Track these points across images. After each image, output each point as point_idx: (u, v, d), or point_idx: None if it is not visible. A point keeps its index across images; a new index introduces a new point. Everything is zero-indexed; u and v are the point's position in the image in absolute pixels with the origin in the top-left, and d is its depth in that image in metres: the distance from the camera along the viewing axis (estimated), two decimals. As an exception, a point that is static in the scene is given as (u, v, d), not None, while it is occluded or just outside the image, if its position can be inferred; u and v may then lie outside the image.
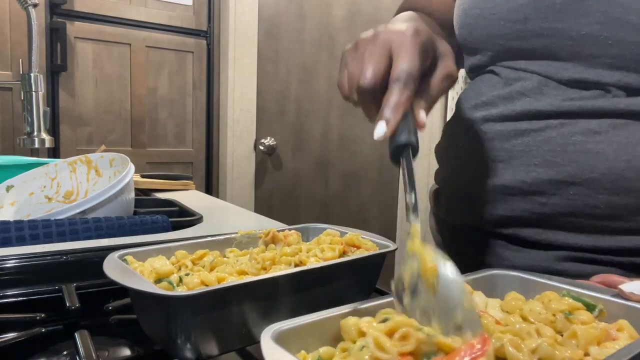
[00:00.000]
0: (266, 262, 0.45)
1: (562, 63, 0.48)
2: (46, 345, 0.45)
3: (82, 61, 2.00)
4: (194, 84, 2.24)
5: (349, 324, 0.32)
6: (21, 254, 0.57)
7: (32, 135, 0.99)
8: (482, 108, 0.53)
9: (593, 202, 0.45)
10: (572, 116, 0.47)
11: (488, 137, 0.52)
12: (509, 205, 0.50)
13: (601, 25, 0.45)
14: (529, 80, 0.50)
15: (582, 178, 0.45)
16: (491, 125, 0.52)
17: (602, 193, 0.45)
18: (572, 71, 0.47)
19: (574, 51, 0.47)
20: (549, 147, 0.47)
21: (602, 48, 0.46)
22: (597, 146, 0.45)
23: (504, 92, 0.51)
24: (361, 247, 0.51)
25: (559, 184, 0.47)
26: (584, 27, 0.46)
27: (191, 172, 2.26)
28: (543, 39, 0.48)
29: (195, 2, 2.20)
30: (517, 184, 0.49)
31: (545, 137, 0.48)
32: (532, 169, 0.48)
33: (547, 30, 0.48)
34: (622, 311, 0.37)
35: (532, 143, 0.49)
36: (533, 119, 0.49)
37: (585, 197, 0.45)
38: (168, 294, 0.36)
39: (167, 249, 0.48)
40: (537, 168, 0.48)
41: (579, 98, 0.47)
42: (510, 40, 0.51)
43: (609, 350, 0.31)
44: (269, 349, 0.28)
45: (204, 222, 0.85)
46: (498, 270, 0.44)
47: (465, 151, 0.54)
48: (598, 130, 0.46)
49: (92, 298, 0.50)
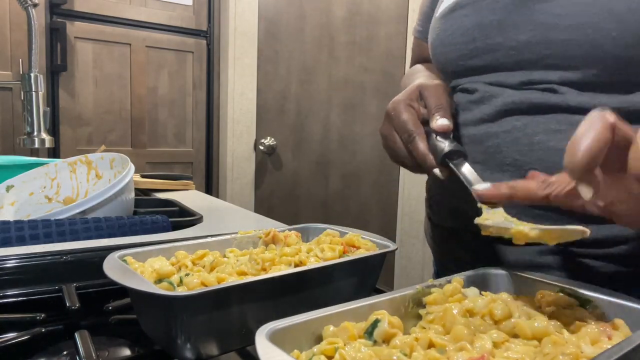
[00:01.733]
0: (266, 263, 0.45)
1: (510, 72, 0.54)
2: (46, 345, 0.45)
3: (82, 61, 2.00)
4: (194, 84, 2.24)
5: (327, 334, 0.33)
6: (21, 254, 0.57)
7: (32, 135, 0.99)
8: (459, 115, 0.59)
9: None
10: (532, 112, 0.51)
11: (465, 141, 0.57)
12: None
13: (532, 32, 0.51)
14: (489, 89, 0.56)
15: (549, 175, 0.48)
16: (468, 129, 0.57)
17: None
18: (520, 77, 0.53)
19: (517, 60, 0.53)
20: (517, 148, 0.52)
21: (538, 51, 0.51)
22: (560, 144, 0.49)
23: (474, 98, 0.57)
24: (361, 248, 0.51)
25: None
26: (519, 36, 0.52)
27: (191, 172, 2.26)
28: (491, 53, 0.55)
29: (195, 2, 2.20)
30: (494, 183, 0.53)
31: (513, 138, 0.52)
32: (505, 169, 0.53)
33: (491, 45, 0.55)
34: (617, 310, 0.37)
35: (502, 144, 0.53)
36: (500, 118, 0.54)
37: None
38: (168, 294, 0.36)
39: (167, 249, 0.49)
40: (509, 167, 0.52)
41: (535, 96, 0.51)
42: (465, 60, 0.59)
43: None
44: (263, 347, 0.29)
45: (204, 222, 0.85)
46: (492, 269, 0.45)
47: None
48: (558, 128, 0.50)
49: (92, 298, 0.50)
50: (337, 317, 0.34)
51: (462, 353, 0.31)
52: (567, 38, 0.49)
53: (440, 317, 0.36)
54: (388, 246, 0.50)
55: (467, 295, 0.40)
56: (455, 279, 0.42)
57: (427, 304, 0.39)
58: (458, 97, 0.61)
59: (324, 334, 0.33)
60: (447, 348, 0.32)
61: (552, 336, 0.33)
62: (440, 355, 0.31)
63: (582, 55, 0.49)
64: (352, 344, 0.32)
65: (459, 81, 0.61)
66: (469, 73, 0.59)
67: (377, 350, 0.31)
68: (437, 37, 0.63)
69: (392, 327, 0.34)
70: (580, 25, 0.48)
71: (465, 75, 0.60)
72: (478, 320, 0.36)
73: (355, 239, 0.52)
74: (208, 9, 2.23)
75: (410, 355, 0.31)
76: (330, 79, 2.44)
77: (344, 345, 0.32)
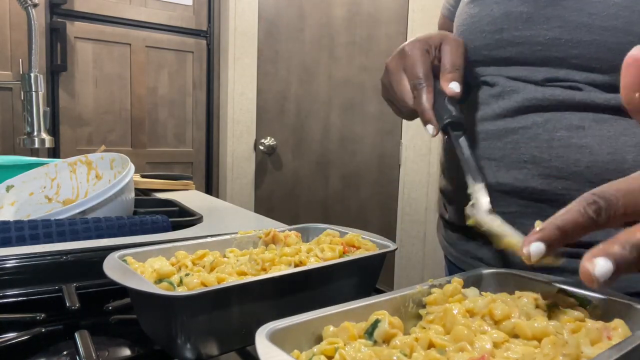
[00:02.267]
0: (266, 263, 0.45)
1: (536, 67, 0.52)
2: (46, 345, 0.45)
3: (82, 61, 2.00)
4: (194, 84, 2.24)
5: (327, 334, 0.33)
6: (21, 254, 0.57)
7: (32, 135, 0.99)
8: (477, 109, 0.58)
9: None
10: (554, 109, 0.50)
11: (482, 137, 0.56)
12: (505, 202, 0.53)
13: (561, 29, 0.50)
14: (511, 84, 0.55)
15: (567, 172, 0.48)
16: (486, 124, 0.56)
17: (588, 186, 0.46)
18: (545, 73, 0.51)
19: (543, 56, 0.51)
20: (536, 144, 0.50)
21: (565, 50, 0.50)
22: (581, 140, 0.48)
23: (494, 92, 0.56)
24: (361, 248, 0.51)
25: (548, 179, 0.49)
26: (548, 32, 0.51)
27: (191, 172, 2.26)
28: (517, 46, 0.54)
29: (195, 2, 2.20)
30: (510, 180, 0.52)
31: (532, 134, 0.51)
32: (522, 166, 0.51)
33: (519, 38, 0.53)
34: (617, 310, 0.37)
35: (521, 140, 0.52)
36: (520, 114, 0.52)
37: (573, 190, 0.48)
38: (168, 294, 0.36)
39: (167, 249, 0.49)
40: (527, 164, 0.51)
41: (558, 93, 0.50)
42: (490, 49, 0.57)
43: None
44: (263, 347, 0.29)
45: (204, 222, 0.85)
46: (492, 269, 0.45)
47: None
48: (581, 125, 0.48)
49: (92, 298, 0.50)
50: (337, 317, 0.34)
51: (462, 353, 0.31)
52: (597, 39, 0.47)
53: (440, 317, 0.36)
54: (388, 246, 0.50)
55: (467, 296, 0.40)
56: (455, 279, 0.42)
57: (427, 304, 0.39)
58: (480, 90, 0.60)
59: (324, 334, 0.33)
60: (447, 348, 0.32)
61: (552, 336, 0.33)
62: (441, 355, 0.31)
63: (610, 59, 0.47)
64: (352, 344, 0.32)
65: (481, 71, 0.59)
66: (492, 63, 0.57)
67: (377, 350, 0.31)
68: (463, 23, 0.61)
69: (393, 327, 0.34)
70: (612, 27, 0.47)
71: (489, 65, 0.58)
72: (478, 321, 0.36)
73: (355, 239, 0.52)
74: (208, 9, 2.23)
75: (411, 355, 0.31)
76: (330, 79, 2.44)
77: (344, 346, 0.32)
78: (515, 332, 0.35)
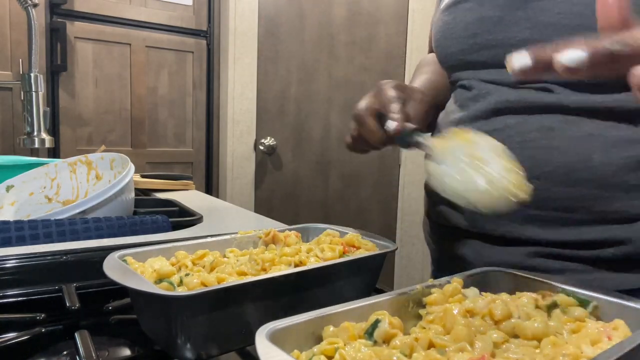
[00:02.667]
0: (266, 263, 0.45)
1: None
2: (46, 345, 0.45)
3: (82, 61, 2.00)
4: (194, 84, 2.24)
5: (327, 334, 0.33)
6: (21, 254, 0.57)
7: (32, 135, 0.99)
8: (455, 112, 0.60)
9: (552, 195, 0.49)
10: (526, 111, 0.52)
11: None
12: None
13: (531, 30, 0.52)
14: (487, 85, 0.57)
15: (539, 172, 0.49)
16: (463, 127, 0.57)
17: (559, 185, 0.49)
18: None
19: None
20: (509, 145, 0.50)
21: None
22: (551, 142, 0.49)
23: (471, 95, 0.58)
24: (361, 248, 0.51)
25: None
26: (518, 34, 0.53)
27: (191, 172, 2.26)
28: (490, 49, 0.56)
29: (195, 2, 2.20)
30: None
31: (505, 136, 0.52)
32: None
33: (492, 41, 0.55)
34: (617, 311, 0.37)
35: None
36: (494, 116, 0.54)
37: (545, 190, 0.49)
38: (168, 294, 0.36)
39: (167, 249, 0.49)
40: None
41: (530, 95, 0.52)
42: (465, 54, 0.59)
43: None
44: (263, 347, 0.29)
45: (204, 222, 0.85)
46: (492, 269, 0.45)
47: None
48: (551, 126, 0.50)
49: (92, 298, 0.50)
50: (337, 317, 0.34)
51: (462, 353, 0.31)
52: (565, 37, 0.49)
53: (440, 317, 0.36)
54: (388, 246, 0.50)
55: (467, 296, 0.40)
56: (455, 279, 0.42)
57: (427, 304, 0.39)
58: (457, 93, 0.62)
59: (324, 334, 0.33)
60: (447, 348, 0.32)
61: (552, 336, 0.33)
62: (441, 355, 0.31)
63: None
64: (352, 344, 0.32)
65: (459, 75, 0.62)
66: (468, 67, 0.60)
67: (377, 350, 0.31)
68: (439, 30, 0.64)
69: (393, 327, 0.34)
70: (578, 25, 0.49)
71: (465, 69, 0.60)
72: (478, 321, 0.36)
73: (355, 239, 0.52)
74: (208, 9, 2.23)
75: (411, 355, 0.31)
76: (330, 79, 2.44)
77: (344, 346, 0.32)
78: (515, 332, 0.35)
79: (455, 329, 0.34)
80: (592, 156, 0.47)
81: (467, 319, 0.36)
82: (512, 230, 0.53)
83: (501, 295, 0.40)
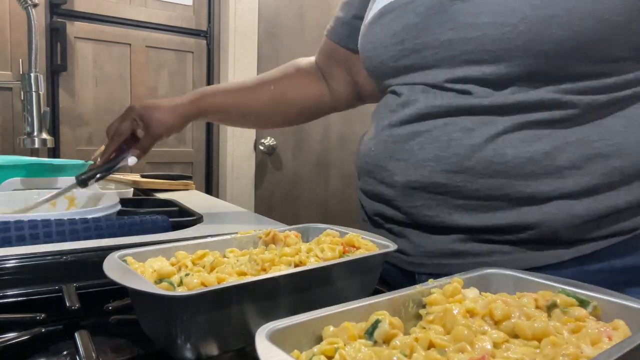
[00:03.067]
0: (266, 263, 0.45)
1: (436, 70, 0.59)
2: (46, 345, 0.45)
3: (82, 61, 2.00)
4: (194, 84, 2.24)
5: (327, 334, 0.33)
6: (21, 254, 0.57)
7: (32, 135, 0.99)
8: (387, 116, 0.65)
9: (475, 186, 0.56)
10: (451, 114, 0.58)
11: (392, 140, 0.63)
12: (414, 197, 0.60)
13: (452, 31, 0.57)
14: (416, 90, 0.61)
15: (463, 167, 0.56)
16: (395, 130, 0.63)
17: (480, 177, 0.56)
18: (444, 74, 0.58)
19: (440, 57, 0.58)
20: (438, 144, 0.58)
21: (458, 49, 0.57)
22: (472, 140, 0.56)
23: (400, 101, 0.63)
24: (361, 248, 0.51)
25: (448, 174, 0.57)
26: (441, 35, 0.58)
27: (191, 172, 2.26)
28: (418, 53, 0.61)
29: (195, 2, 2.20)
30: (417, 177, 0.59)
31: (434, 136, 0.58)
32: (427, 164, 0.58)
33: (418, 45, 0.60)
34: (617, 311, 0.37)
35: (425, 142, 0.59)
36: (423, 120, 0.59)
37: (468, 182, 0.56)
38: (168, 294, 0.36)
39: (167, 249, 0.49)
40: (431, 163, 0.58)
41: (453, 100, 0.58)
42: (396, 61, 0.64)
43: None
44: (263, 347, 0.29)
45: (204, 222, 0.85)
46: (493, 270, 0.45)
47: (375, 156, 0.65)
48: (472, 127, 0.56)
49: (92, 298, 0.50)
50: (337, 317, 0.34)
51: (463, 354, 0.31)
52: (482, 34, 0.55)
53: (440, 317, 0.36)
54: (388, 246, 0.50)
55: (467, 296, 0.40)
56: (455, 279, 0.42)
57: (428, 304, 0.39)
58: (388, 98, 0.67)
59: (324, 334, 0.33)
60: (448, 349, 0.32)
61: (552, 337, 0.33)
62: (441, 356, 0.31)
63: (494, 49, 0.54)
64: (352, 344, 0.32)
65: (390, 82, 0.67)
66: (399, 73, 0.64)
67: (377, 350, 0.31)
68: (368, 42, 0.69)
69: (393, 327, 0.34)
70: (492, 23, 0.54)
71: (396, 75, 0.65)
72: (478, 321, 0.36)
73: (355, 239, 0.52)
74: (208, 9, 2.23)
75: (411, 356, 0.31)
76: (330, 79, 2.44)
77: (344, 346, 0.32)
78: (515, 332, 0.35)
79: (455, 329, 0.34)
80: (506, 151, 0.54)
81: (467, 319, 0.36)
82: (444, 219, 0.59)
83: (501, 295, 0.40)
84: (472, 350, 0.32)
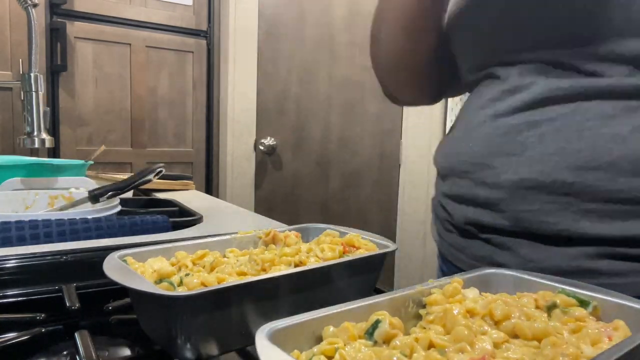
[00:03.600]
0: (266, 263, 0.45)
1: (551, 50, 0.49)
2: (46, 345, 0.45)
3: (82, 61, 2.00)
4: (194, 84, 2.24)
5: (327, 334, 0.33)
6: (21, 254, 0.57)
7: (32, 135, 0.99)
8: (489, 106, 0.54)
9: (615, 187, 0.44)
10: (581, 98, 0.47)
11: (499, 132, 0.51)
12: (527, 199, 0.49)
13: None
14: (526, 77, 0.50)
15: (600, 162, 0.45)
16: (502, 120, 0.52)
17: (623, 176, 0.44)
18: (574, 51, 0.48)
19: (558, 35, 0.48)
20: (564, 135, 0.47)
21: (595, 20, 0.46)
22: (613, 129, 0.45)
23: (508, 86, 0.52)
24: (361, 248, 0.51)
25: (578, 171, 0.46)
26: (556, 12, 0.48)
27: (191, 172, 2.26)
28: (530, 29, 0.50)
29: (195, 2, 2.20)
30: (534, 175, 0.48)
31: (558, 126, 0.47)
32: (547, 159, 0.47)
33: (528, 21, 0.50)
34: (617, 311, 0.37)
35: (547, 133, 0.48)
36: (541, 106, 0.49)
37: (606, 181, 0.45)
38: (168, 294, 0.36)
39: (167, 249, 0.48)
40: (554, 157, 0.47)
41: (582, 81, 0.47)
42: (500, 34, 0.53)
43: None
44: (263, 347, 0.29)
45: (204, 222, 0.85)
46: (493, 270, 0.45)
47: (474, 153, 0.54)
48: (612, 113, 0.45)
49: (92, 298, 0.50)
50: (337, 317, 0.34)
51: (463, 354, 0.31)
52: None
53: (440, 317, 0.36)
54: (388, 246, 0.50)
55: (467, 296, 0.40)
56: (455, 279, 0.42)
57: (428, 304, 0.39)
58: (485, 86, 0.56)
59: (324, 334, 0.33)
60: (448, 349, 0.32)
61: (552, 337, 0.33)
62: (441, 355, 0.31)
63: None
64: (352, 344, 0.32)
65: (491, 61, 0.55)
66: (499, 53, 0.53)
67: (377, 350, 0.31)
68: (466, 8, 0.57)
69: (393, 327, 0.33)
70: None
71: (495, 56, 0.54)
72: (478, 321, 0.36)
73: (355, 239, 0.52)
74: (208, 9, 2.23)
75: (411, 356, 0.31)
76: (330, 79, 2.44)
77: (344, 346, 0.32)
78: (515, 332, 0.35)
79: (455, 329, 0.34)
80: None
81: (467, 319, 0.36)
82: (568, 227, 0.47)
83: (501, 295, 0.40)
84: (472, 350, 0.32)
